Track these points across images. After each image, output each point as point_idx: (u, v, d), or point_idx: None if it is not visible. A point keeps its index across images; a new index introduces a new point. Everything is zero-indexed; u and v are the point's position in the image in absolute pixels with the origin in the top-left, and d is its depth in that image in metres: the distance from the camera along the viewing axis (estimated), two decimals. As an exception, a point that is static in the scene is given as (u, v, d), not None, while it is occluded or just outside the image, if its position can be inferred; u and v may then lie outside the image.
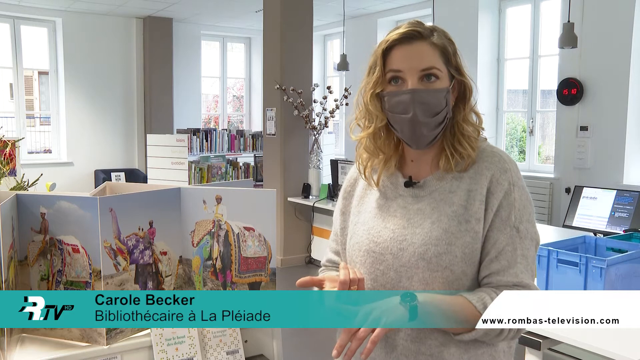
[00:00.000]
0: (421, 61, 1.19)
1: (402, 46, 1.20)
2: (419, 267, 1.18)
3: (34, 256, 1.41)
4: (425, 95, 1.18)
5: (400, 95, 1.20)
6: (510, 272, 1.16)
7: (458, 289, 1.17)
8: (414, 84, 1.19)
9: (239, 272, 1.52)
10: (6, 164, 2.95)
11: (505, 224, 1.18)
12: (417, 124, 1.19)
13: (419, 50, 1.19)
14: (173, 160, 3.90)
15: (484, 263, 1.18)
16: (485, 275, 1.18)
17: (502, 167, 1.21)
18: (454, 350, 1.18)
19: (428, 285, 1.17)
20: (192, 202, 1.54)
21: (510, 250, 1.17)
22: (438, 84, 1.20)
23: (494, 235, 1.18)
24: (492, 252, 1.17)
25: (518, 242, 1.18)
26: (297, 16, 6.01)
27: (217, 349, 1.44)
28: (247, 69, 9.89)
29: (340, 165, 5.71)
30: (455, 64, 1.23)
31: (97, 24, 8.14)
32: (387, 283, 1.21)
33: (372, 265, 1.24)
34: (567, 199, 4.90)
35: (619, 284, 2.25)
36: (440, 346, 1.18)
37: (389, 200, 1.28)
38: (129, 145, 8.59)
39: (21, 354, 1.35)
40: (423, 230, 1.19)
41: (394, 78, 1.21)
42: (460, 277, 1.17)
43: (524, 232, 1.19)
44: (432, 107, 1.19)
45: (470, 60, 6.69)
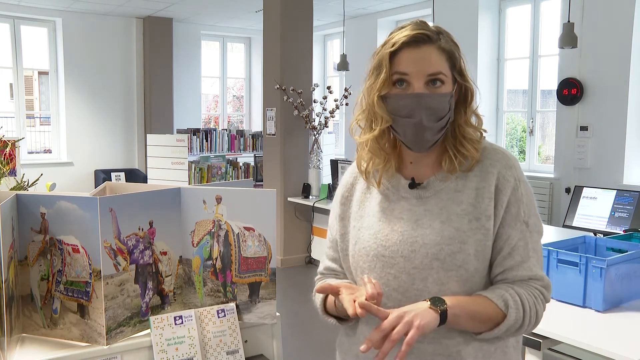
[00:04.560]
0: (429, 66, 1.18)
1: (410, 49, 1.18)
2: (433, 267, 1.17)
3: (34, 256, 1.41)
4: (431, 100, 1.18)
5: (405, 99, 1.19)
6: (524, 267, 1.19)
7: (471, 287, 1.18)
8: (419, 88, 1.18)
9: (239, 272, 1.52)
10: (6, 164, 2.95)
11: (516, 219, 1.19)
12: (422, 129, 1.19)
13: (427, 55, 1.18)
14: (173, 160, 3.90)
15: (497, 260, 1.20)
16: (500, 272, 1.20)
17: (507, 163, 1.22)
18: (471, 349, 1.19)
19: (443, 285, 1.17)
20: (192, 202, 1.54)
21: (522, 246, 1.19)
22: (443, 88, 1.19)
23: (506, 231, 1.19)
24: (505, 249, 1.19)
25: (529, 236, 1.20)
26: (297, 16, 6.01)
27: (217, 349, 1.44)
28: (247, 69, 9.89)
29: (340, 165, 5.71)
30: (459, 68, 1.22)
31: (97, 24, 8.14)
32: (399, 287, 1.20)
33: (382, 270, 1.22)
34: (567, 199, 4.90)
35: (619, 284, 2.25)
36: (457, 346, 1.18)
37: (392, 202, 1.27)
38: (129, 145, 8.59)
39: (21, 354, 1.35)
40: (434, 231, 1.19)
41: (399, 80, 1.20)
42: (474, 274, 1.18)
43: (532, 227, 1.21)
44: (437, 112, 1.19)
45: (470, 60, 6.62)
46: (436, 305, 1.10)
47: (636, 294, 2.31)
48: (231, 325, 1.48)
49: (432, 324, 1.09)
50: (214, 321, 1.47)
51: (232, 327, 1.48)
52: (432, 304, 1.10)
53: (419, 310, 1.09)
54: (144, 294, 1.46)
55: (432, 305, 1.10)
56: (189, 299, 1.57)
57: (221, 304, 1.52)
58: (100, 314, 1.35)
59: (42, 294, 1.42)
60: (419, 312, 1.08)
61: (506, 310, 1.14)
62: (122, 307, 1.40)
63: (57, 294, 1.41)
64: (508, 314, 1.14)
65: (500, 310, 1.15)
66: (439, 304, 1.11)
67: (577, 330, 2.07)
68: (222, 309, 1.49)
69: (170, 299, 1.54)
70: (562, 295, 2.32)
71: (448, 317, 1.11)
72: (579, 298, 2.26)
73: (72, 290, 1.39)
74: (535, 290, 1.19)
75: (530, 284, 1.19)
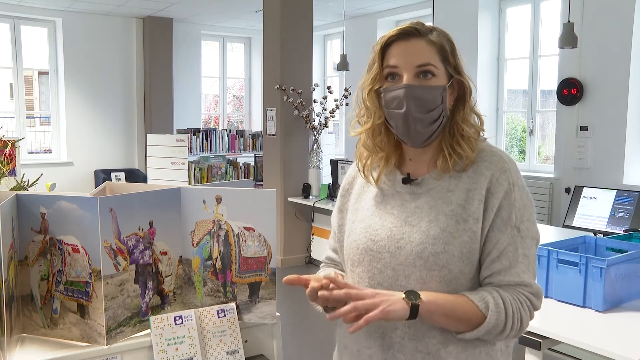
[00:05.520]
0: (417, 57, 1.20)
1: (399, 42, 1.21)
2: (416, 265, 1.18)
3: (34, 256, 1.41)
4: (419, 91, 1.19)
5: (395, 91, 1.21)
6: (511, 272, 1.17)
7: (456, 288, 1.18)
8: (409, 80, 1.19)
9: (239, 272, 1.52)
10: (6, 164, 2.95)
11: (507, 224, 1.18)
12: (411, 120, 1.20)
13: (415, 47, 1.20)
14: (173, 160, 3.89)
15: (486, 263, 1.19)
16: (487, 275, 1.19)
17: (502, 167, 1.21)
18: (452, 349, 1.19)
19: (425, 284, 1.17)
20: (192, 202, 1.54)
21: (512, 250, 1.17)
22: (434, 81, 1.20)
23: (495, 235, 1.18)
24: (494, 253, 1.18)
25: (519, 241, 1.18)
26: (297, 16, 6.01)
27: (217, 349, 1.44)
28: (247, 69, 9.89)
29: (340, 165, 5.71)
30: (453, 63, 1.22)
31: (97, 24, 8.14)
32: (384, 281, 1.22)
33: (369, 264, 1.24)
34: (567, 199, 4.90)
35: (618, 284, 2.25)
36: (438, 344, 1.18)
37: (387, 197, 1.29)
38: (129, 145, 8.59)
39: (21, 354, 1.35)
40: (421, 229, 1.20)
41: (391, 74, 1.22)
42: (458, 276, 1.18)
43: (524, 232, 1.19)
44: (426, 104, 1.19)
45: (470, 60, 6.70)
46: (410, 298, 1.11)
47: (636, 294, 2.31)
48: (231, 325, 1.48)
49: (399, 313, 1.10)
50: (214, 321, 1.47)
51: (232, 327, 1.48)
52: (406, 296, 1.12)
53: (391, 297, 1.11)
54: (144, 294, 1.46)
55: (405, 297, 1.11)
56: (189, 299, 1.57)
57: (221, 304, 1.52)
58: (100, 314, 1.35)
59: (42, 294, 1.42)
60: (390, 299, 1.10)
61: (486, 312, 1.14)
62: (122, 307, 1.40)
63: (57, 294, 1.41)
64: (488, 317, 1.14)
65: (480, 312, 1.14)
66: (413, 298, 1.11)
67: (577, 330, 2.07)
68: (222, 309, 1.49)
69: (170, 299, 1.54)
70: (562, 295, 2.32)
71: (420, 312, 1.11)
72: (579, 298, 2.26)
73: (72, 290, 1.39)
74: (522, 296, 1.17)
75: (517, 290, 1.17)
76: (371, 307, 1.08)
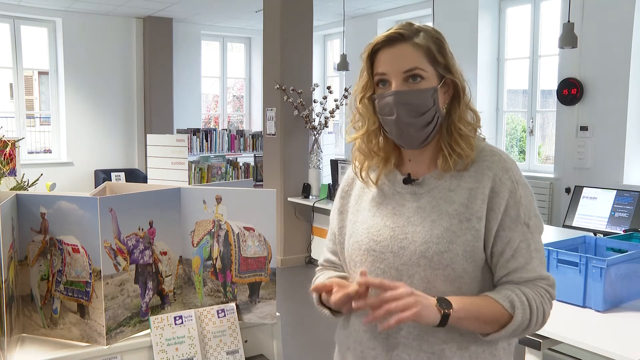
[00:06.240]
0: (403, 62, 1.20)
1: (386, 49, 1.22)
2: (420, 265, 1.18)
3: (34, 256, 1.42)
4: (407, 96, 1.19)
5: (385, 98, 1.22)
6: (528, 268, 1.19)
7: (459, 287, 1.18)
8: (397, 86, 1.20)
9: (239, 272, 1.52)
10: (6, 164, 2.95)
11: (516, 222, 1.20)
12: (403, 125, 1.21)
13: (401, 52, 1.21)
14: (173, 160, 3.89)
15: (501, 263, 1.20)
16: (505, 274, 1.20)
17: (503, 166, 1.22)
18: (456, 348, 1.19)
19: (429, 284, 1.18)
20: (192, 202, 1.54)
21: (525, 247, 1.20)
22: (424, 84, 1.20)
23: (507, 234, 1.19)
24: (507, 252, 1.19)
25: (530, 237, 1.20)
26: (297, 16, 6.01)
27: (217, 349, 1.45)
28: (247, 69, 9.89)
29: (340, 165, 5.72)
30: (443, 62, 1.22)
31: (97, 24, 8.14)
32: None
33: (372, 264, 1.24)
34: (567, 199, 4.90)
35: (619, 284, 2.25)
36: (442, 344, 1.19)
37: (387, 197, 1.29)
38: (129, 145, 8.59)
39: (21, 354, 1.35)
40: (424, 229, 1.20)
41: (382, 81, 1.23)
42: (462, 275, 1.18)
43: (533, 227, 1.22)
44: (417, 108, 1.20)
45: (470, 60, 6.70)
46: (442, 306, 1.11)
47: (636, 294, 2.31)
48: (231, 325, 1.48)
49: (429, 319, 1.10)
50: (214, 321, 1.47)
51: (232, 327, 1.48)
52: (438, 304, 1.11)
53: (426, 301, 1.10)
54: (144, 294, 1.46)
55: (438, 304, 1.11)
56: (189, 299, 1.57)
57: (221, 304, 1.52)
58: (100, 314, 1.35)
59: (42, 294, 1.42)
60: (425, 303, 1.10)
61: (512, 311, 1.15)
62: (122, 307, 1.40)
63: (57, 294, 1.41)
64: (515, 315, 1.15)
65: (507, 312, 1.15)
66: (445, 306, 1.11)
67: (577, 330, 2.07)
68: (222, 309, 1.49)
69: (170, 299, 1.54)
70: (562, 295, 2.31)
71: (450, 320, 1.11)
72: (579, 298, 2.26)
73: (72, 290, 1.39)
74: (542, 290, 1.19)
75: (536, 284, 1.20)
76: (405, 307, 1.07)
